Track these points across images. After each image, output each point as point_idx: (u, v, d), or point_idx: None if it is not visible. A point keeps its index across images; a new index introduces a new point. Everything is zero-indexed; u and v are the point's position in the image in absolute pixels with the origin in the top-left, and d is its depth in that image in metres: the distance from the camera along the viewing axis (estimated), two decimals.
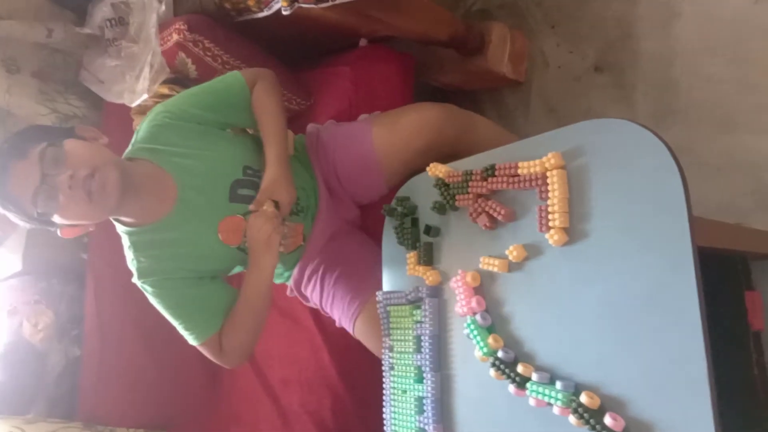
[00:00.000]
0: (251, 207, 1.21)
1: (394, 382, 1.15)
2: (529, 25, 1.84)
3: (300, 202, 1.34)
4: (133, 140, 1.25)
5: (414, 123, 1.36)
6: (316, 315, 1.58)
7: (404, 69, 1.66)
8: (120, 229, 1.23)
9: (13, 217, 1.11)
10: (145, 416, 1.80)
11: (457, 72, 1.80)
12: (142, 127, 1.25)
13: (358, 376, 1.52)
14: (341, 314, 1.36)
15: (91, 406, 1.78)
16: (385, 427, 1.15)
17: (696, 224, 0.77)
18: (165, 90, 1.58)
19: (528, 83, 1.83)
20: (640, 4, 1.64)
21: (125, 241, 1.23)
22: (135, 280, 1.22)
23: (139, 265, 1.20)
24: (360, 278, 1.35)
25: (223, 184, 1.24)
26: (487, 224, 1.01)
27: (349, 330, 1.36)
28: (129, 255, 1.22)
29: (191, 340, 1.23)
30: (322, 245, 1.42)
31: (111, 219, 1.21)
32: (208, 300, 1.23)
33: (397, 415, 1.13)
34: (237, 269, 1.34)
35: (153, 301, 1.22)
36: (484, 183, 1.02)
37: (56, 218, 1.09)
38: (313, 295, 1.43)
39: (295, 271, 1.45)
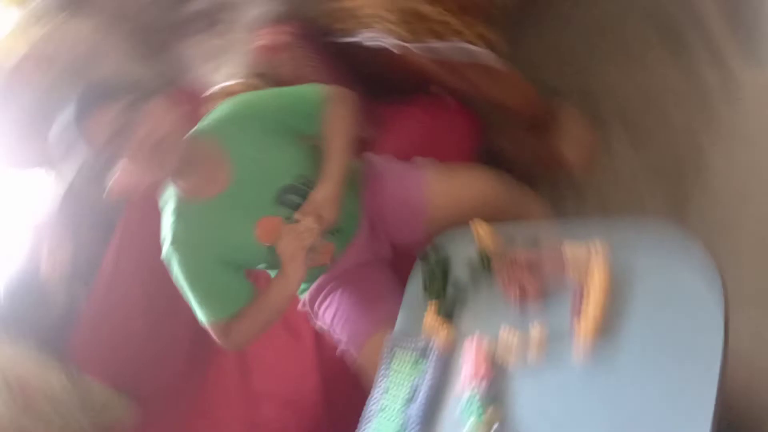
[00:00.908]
0: (296, 215, 1.23)
1: (379, 423, 1.13)
2: (600, 115, 1.82)
3: (339, 224, 1.36)
4: (206, 118, 1.30)
5: (469, 186, 1.38)
6: (319, 337, 1.56)
7: (470, 128, 1.68)
8: (171, 192, 1.26)
9: (75, 150, 1.15)
10: (121, 378, 1.80)
11: (517, 142, 1.80)
12: (219, 110, 1.30)
13: (342, 410, 1.49)
14: (352, 334, 1.35)
15: (77, 352, 1.79)
16: None
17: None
18: (248, 82, 1.63)
19: (585, 171, 1.81)
20: (718, 124, 1.61)
21: (171, 204, 1.25)
22: (165, 247, 1.24)
23: (175, 231, 1.23)
24: (379, 307, 1.35)
25: (275, 185, 1.27)
26: (518, 296, 1.00)
27: (355, 352, 1.35)
28: (170, 219, 1.24)
29: (201, 317, 1.24)
30: (347, 269, 1.43)
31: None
32: (227, 287, 1.25)
33: None
34: (261, 266, 1.36)
35: (177, 269, 1.24)
36: (524, 253, 1.02)
37: (115, 170, 1.13)
38: (326, 312, 1.42)
39: (314, 286, 1.45)
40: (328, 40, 1.65)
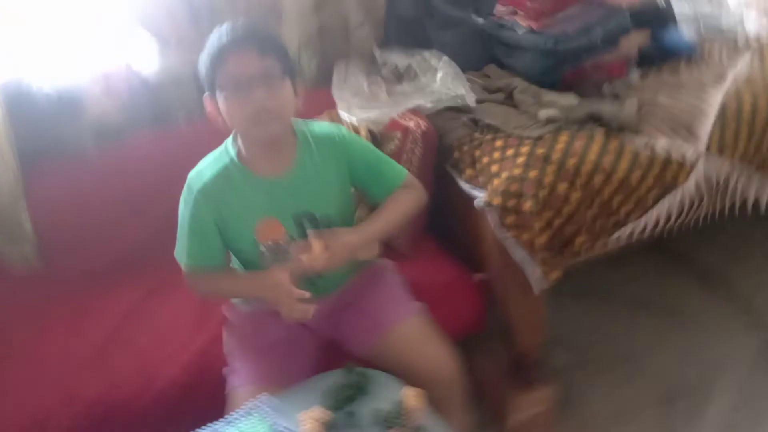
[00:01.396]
0: (311, 233, 1.29)
1: None
2: (565, 408, 1.82)
3: (322, 277, 1.38)
4: (310, 122, 1.42)
5: (433, 354, 1.40)
6: (215, 342, 1.51)
7: (476, 318, 1.71)
8: (237, 144, 1.33)
9: (199, 56, 1.25)
10: (48, 229, 1.79)
11: (490, 367, 1.81)
12: (326, 126, 1.44)
13: (176, 416, 1.43)
14: (244, 368, 1.36)
15: (50, 175, 1.83)
16: None
17: None
18: (362, 129, 1.75)
19: None
20: None
21: (228, 154, 1.33)
22: (193, 179, 1.33)
23: (211, 176, 1.31)
24: (283, 368, 1.35)
25: (304, 206, 1.34)
26: None
27: (234, 384, 1.35)
28: (215, 161, 1.34)
29: (177, 253, 1.38)
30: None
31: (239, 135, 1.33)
32: (210, 245, 1.36)
33: None
34: (232, 248, 1.41)
35: (186, 200, 1.33)
36: None
37: (224, 97, 1.22)
38: (242, 331, 1.44)
39: (252, 305, 1.46)
40: (441, 161, 1.76)
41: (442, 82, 1.83)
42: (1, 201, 1.74)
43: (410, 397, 1.16)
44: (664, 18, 1.87)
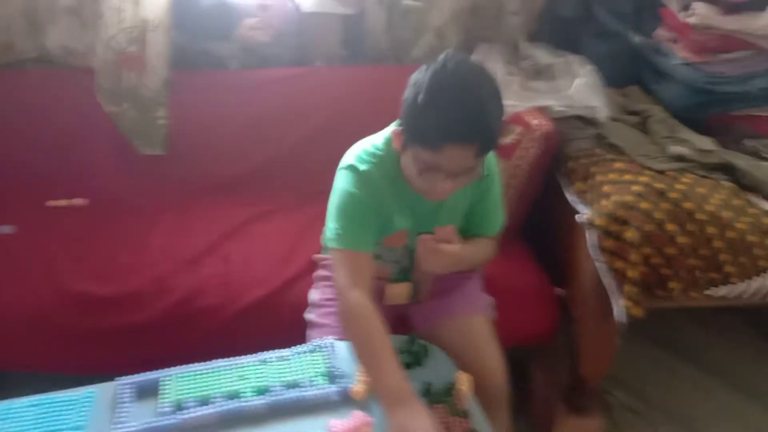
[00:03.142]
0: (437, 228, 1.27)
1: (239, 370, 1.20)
2: None
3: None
4: None
5: (487, 351, 1.40)
6: (299, 278, 1.60)
7: (547, 332, 1.68)
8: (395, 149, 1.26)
9: (411, 89, 1.13)
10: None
11: (541, 379, 1.82)
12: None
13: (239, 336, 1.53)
14: (321, 326, 1.40)
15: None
16: None
17: None
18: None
19: None
20: None
21: (386, 158, 1.27)
22: (357, 163, 1.26)
23: (376, 164, 1.26)
24: None
25: (432, 227, 1.31)
26: None
27: (309, 338, 1.39)
28: (380, 152, 1.28)
29: (331, 237, 1.27)
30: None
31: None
32: (369, 231, 1.28)
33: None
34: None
35: (349, 184, 1.25)
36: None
37: (416, 168, 1.17)
38: (322, 286, 1.48)
39: None
40: (552, 167, 1.75)
41: (580, 89, 1.80)
42: (146, 96, 1.90)
43: (462, 380, 1.20)
44: None
